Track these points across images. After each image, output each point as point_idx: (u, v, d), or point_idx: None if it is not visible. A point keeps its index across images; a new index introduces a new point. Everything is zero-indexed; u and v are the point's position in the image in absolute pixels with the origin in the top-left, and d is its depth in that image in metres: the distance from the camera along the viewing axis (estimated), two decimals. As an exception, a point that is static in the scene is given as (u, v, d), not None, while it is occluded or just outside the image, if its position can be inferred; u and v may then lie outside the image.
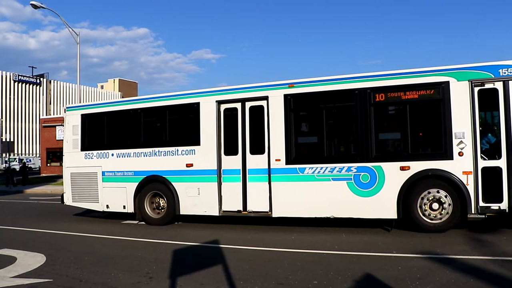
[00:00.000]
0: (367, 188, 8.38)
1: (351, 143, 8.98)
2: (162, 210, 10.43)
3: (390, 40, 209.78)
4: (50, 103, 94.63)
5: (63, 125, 12.34)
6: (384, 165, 8.30)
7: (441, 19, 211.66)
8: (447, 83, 8.03)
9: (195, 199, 9.82)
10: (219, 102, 9.78)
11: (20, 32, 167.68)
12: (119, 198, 10.75)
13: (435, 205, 8.08)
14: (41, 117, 58.84)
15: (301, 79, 9.15)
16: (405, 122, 8.33)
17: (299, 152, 9.23)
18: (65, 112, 11.92)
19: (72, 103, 59.05)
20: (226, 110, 9.79)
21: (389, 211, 8.26)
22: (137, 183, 10.49)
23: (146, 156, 10.45)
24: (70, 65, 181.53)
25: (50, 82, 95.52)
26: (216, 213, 9.63)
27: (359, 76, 8.68)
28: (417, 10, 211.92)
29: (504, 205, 7.65)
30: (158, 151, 10.32)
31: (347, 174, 8.52)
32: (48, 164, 38.57)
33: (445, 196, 8.02)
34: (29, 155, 78.57)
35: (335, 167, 8.61)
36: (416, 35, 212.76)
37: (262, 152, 9.29)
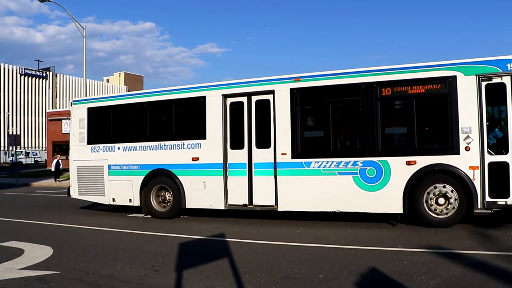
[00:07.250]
0: (373, 183, 8.36)
1: (357, 138, 8.96)
2: (168, 204, 10.48)
3: (396, 34, 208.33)
4: (56, 97, 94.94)
5: (69, 119, 12.40)
6: (390, 160, 8.28)
7: (448, 13, 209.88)
8: (454, 77, 7.98)
9: (201, 193, 9.85)
10: (225, 96, 9.78)
11: (27, 26, 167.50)
12: (125, 191, 10.80)
13: (441, 200, 8.05)
14: (47, 110, 59.11)
15: (308, 73, 9.11)
16: (412, 117, 8.29)
17: (305, 146, 9.22)
18: (71, 105, 11.97)
19: (78, 97, 59.30)
20: (232, 104, 9.78)
21: (395, 206, 8.24)
22: (143, 177, 10.54)
23: (152, 149, 10.49)
24: (76, 59, 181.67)
25: (56, 75, 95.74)
26: (222, 207, 9.66)
27: (366, 70, 8.64)
28: (423, 3, 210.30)
29: (510, 200, 7.61)
30: (164, 145, 10.35)
31: (353, 169, 8.51)
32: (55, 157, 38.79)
33: (451, 191, 7.99)
34: (35, 148, 79.05)
35: (341, 162, 8.60)
36: (422, 29, 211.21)
37: (268, 146, 9.30)
